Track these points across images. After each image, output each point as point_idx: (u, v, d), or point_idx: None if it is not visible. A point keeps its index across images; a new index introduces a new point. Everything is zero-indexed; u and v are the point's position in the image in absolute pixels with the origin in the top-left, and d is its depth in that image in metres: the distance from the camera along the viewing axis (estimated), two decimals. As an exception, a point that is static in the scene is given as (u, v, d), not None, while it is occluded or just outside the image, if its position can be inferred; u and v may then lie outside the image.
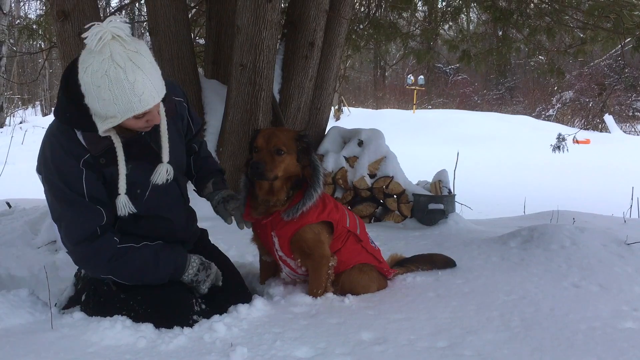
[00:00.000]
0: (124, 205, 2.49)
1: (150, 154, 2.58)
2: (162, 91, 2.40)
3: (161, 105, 2.51)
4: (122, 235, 2.57)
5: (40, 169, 2.52)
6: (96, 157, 2.43)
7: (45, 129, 2.55)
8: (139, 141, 2.54)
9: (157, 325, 2.49)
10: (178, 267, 2.63)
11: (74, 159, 2.41)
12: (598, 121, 24.93)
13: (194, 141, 3.02)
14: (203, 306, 2.66)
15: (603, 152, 17.58)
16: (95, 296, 2.68)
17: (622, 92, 26.47)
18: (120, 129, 2.44)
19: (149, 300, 2.56)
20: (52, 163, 2.43)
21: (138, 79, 2.25)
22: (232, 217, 2.85)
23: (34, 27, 8.99)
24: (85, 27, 2.26)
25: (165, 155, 2.58)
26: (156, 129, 2.57)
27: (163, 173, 2.58)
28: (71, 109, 2.39)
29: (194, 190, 3.04)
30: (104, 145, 2.44)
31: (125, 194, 2.49)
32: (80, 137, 2.42)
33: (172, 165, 2.62)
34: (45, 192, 2.52)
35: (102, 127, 2.36)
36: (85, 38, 2.24)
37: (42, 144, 2.52)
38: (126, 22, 2.29)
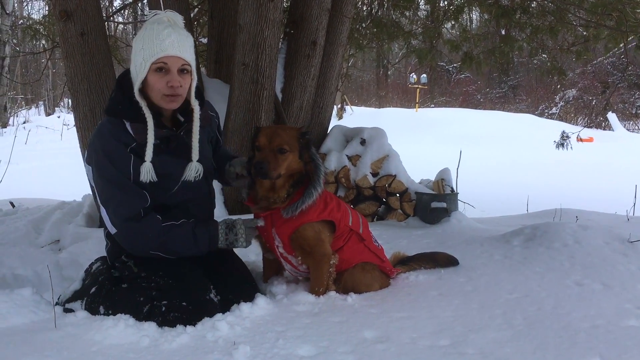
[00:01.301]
0: (147, 171, 2.67)
1: (185, 151, 2.80)
2: (186, 53, 2.68)
3: (196, 102, 2.81)
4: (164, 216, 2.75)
5: (91, 158, 2.72)
6: (142, 145, 2.66)
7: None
8: (177, 139, 2.77)
9: (176, 293, 2.60)
10: (212, 238, 2.79)
11: (123, 145, 2.66)
12: (601, 119, 24.87)
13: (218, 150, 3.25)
14: (219, 297, 2.74)
15: (606, 150, 17.54)
16: (111, 285, 2.80)
17: (625, 90, 26.40)
18: (150, 103, 2.69)
19: (170, 275, 2.70)
20: (102, 149, 2.66)
21: (166, 30, 2.63)
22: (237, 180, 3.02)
23: (38, 27, 9.00)
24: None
25: (195, 154, 2.81)
26: (190, 129, 2.80)
27: (193, 170, 2.82)
28: (123, 102, 2.70)
29: (220, 184, 3.37)
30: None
31: (157, 182, 2.69)
32: (129, 127, 2.68)
33: (202, 164, 2.85)
34: (95, 178, 2.71)
35: (136, 86, 2.65)
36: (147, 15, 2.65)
37: (92, 136, 2.76)
38: (180, 16, 2.76)
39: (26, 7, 32.27)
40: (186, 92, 2.76)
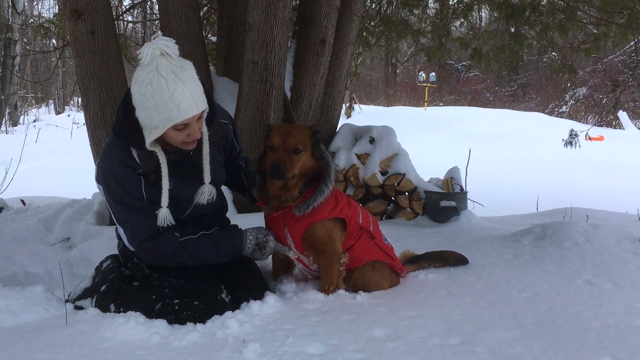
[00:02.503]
0: (164, 217, 2.66)
1: (196, 172, 2.78)
2: (201, 105, 2.57)
3: (204, 127, 2.72)
4: (181, 231, 2.76)
5: (100, 180, 2.71)
6: (147, 174, 2.64)
7: (106, 145, 2.73)
8: (186, 159, 2.73)
9: (188, 292, 2.64)
10: (236, 249, 2.82)
11: (131, 169, 2.63)
12: (612, 118, 24.70)
13: (239, 159, 3.22)
14: (230, 297, 2.76)
15: (617, 148, 17.43)
16: (122, 283, 2.83)
17: (636, 88, 26.17)
18: (166, 145, 2.64)
19: (181, 275, 2.73)
20: (110, 173, 2.64)
21: (178, 89, 2.45)
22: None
23: (49, 26, 9.05)
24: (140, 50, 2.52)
25: (207, 177, 2.79)
26: (200, 149, 2.76)
27: (205, 193, 2.80)
28: (128, 128, 2.59)
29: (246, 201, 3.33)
30: (155, 164, 2.63)
31: (167, 207, 2.66)
32: (135, 155, 2.63)
33: (214, 183, 2.84)
34: (108, 200, 2.71)
35: (149, 139, 2.55)
36: (139, 54, 2.49)
37: (100, 157, 2.72)
38: (175, 43, 2.52)
39: (36, 6, 32.48)
40: None
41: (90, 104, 5.05)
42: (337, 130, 6.18)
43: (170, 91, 2.44)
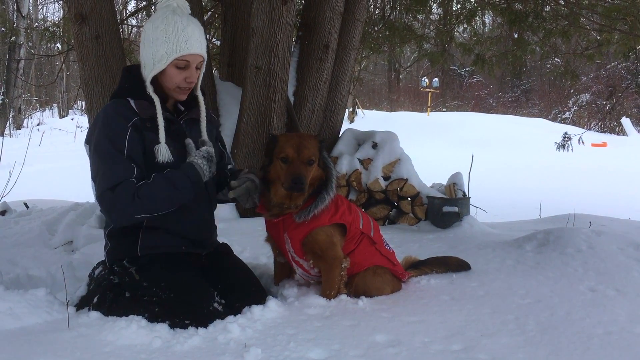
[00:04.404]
0: (164, 152, 2.71)
1: (182, 138, 2.82)
2: (204, 51, 2.79)
3: (199, 92, 2.90)
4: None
5: (90, 137, 2.76)
6: (144, 119, 2.72)
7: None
8: (177, 124, 2.83)
9: (178, 310, 2.59)
10: (193, 178, 2.72)
11: (123, 119, 2.69)
12: (615, 124, 24.66)
13: (225, 169, 3.16)
14: (223, 301, 2.70)
15: (620, 155, 17.42)
16: (113, 294, 2.76)
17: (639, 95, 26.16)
18: (162, 103, 2.75)
19: (172, 287, 2.67)
20: (102, 123, 2.69)
21: (190, 26, 2.72)
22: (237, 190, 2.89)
23: (55, 29, 9.08)
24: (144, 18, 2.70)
25: (204, 134, 2.88)
26: (195, 122, 2.90)
27: (207, 145, 2.85)
28: (130, 81, 2.80)
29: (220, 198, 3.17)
30: (152, 113, 2.73)
31: (152, 159, 2.70)
32: (133, 104, 2.74)
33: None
34: (90, 155, 2.73)
35: (151, 74, 2.72)
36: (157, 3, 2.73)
37: (95, 116, 2.80)
38: (187, 3, 2.82)
39: (41, 10, 32.61)
40: None
41: (94, 108, 5.07)
42: (340, 135, 6.19)
43: (183, 25, 2.69)
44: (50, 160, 15.38)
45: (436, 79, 31.10)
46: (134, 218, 2.66)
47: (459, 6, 9.43)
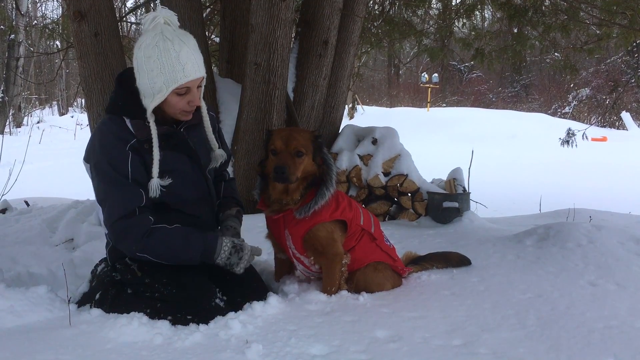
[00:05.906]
0: (155, 187, 2.66)
1: (186, 148, 2.79)
2: (203, 70, 2.67)
3: (203, 103, 2.82)
4: (157, 218, 2.68)
5: (89, 157, 2.72)
6: (142, 141, 2.65)
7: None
8: (178, 135, 2.77)
9: (180, 305, 2.59)
10: (208, 249, 2.68)
11: (122, 143, 2.63)
12: (615, 118, 24.64)
13: (225, 167, 3.17)
14: (225, 298, 2.71)
15: (620, 149, 17.39)
16: (115, 290, 2.76)
17: (639, 89, 26.13)
18: (162, 117, 2.69)
19: (173, 283, 2.67)
20: (101, 148, 2.64)
21: (183, 50, 2.56)
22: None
23: (54, 27, 9.07)
24: (142, 16, 2.59)
25: (214, 144, 2.91)
26: (195, 127, 2.85)
27: (218, 157, 2.92)
28: (124, 98, 2.68)
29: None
30: (149, 132, 2.65)
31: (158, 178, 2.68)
32: (129, 124, 2.66)
33: (205, 164, 2.88)
34: (93, 177, 2.70)
35: (151, 105, 2.61)
36: (142, 24, 2.61)
37: (92, 135, 2.77)
38: (175, 14, 2.66)
39: (40, 8, 32.56)
40: None
41: (93, 105, 5.07)
42: (339, 131, 6.19)
43: (176, 52, 2.54)
44: (50, 158, 15.38)
45: (436, 74, 31.05)
46: (136, 255, 2.67)
47: (458, 1, 9.43)
